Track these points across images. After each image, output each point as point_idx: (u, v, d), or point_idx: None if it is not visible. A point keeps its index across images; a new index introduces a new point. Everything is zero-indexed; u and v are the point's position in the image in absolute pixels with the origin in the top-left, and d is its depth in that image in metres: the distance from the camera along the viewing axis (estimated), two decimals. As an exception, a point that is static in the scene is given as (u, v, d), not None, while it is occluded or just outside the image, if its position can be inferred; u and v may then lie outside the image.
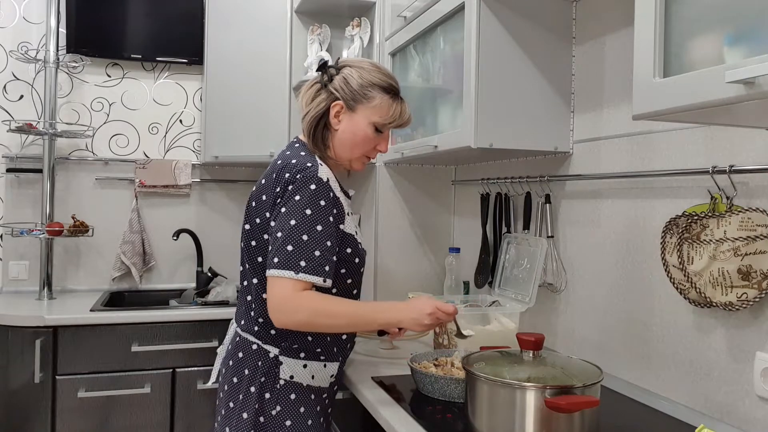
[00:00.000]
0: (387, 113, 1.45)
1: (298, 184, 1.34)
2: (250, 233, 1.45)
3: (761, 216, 1.19)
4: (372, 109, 1.44)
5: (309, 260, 1.30)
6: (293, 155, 1.42)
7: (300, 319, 1.30)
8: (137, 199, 2.99)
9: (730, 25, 0.85)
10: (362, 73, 1.44)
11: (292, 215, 1.32)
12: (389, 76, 1.47)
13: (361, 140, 1.45)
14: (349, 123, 1.45)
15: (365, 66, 1.46)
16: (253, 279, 1.46)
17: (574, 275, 1.79)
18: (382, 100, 1.44)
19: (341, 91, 1.44)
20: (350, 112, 1.44)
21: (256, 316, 1.45)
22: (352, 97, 1.43)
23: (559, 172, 1.87)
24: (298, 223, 1.31)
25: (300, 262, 1.30)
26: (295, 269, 1.29)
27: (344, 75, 1.45)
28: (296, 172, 1.36)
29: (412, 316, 1.37)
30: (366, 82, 1.43)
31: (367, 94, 1.43)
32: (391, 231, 2.44)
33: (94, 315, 2.37)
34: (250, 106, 2.73)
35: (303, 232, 1.31)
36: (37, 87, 2.89)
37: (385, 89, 1.45)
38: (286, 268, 1.30)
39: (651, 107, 0.96)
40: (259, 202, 1.43)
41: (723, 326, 1.32)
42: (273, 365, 1.41)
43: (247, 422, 1.38)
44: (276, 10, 2.67)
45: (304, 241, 1.31)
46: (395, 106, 1.46)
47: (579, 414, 1.13)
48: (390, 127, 1.48)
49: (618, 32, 1.64)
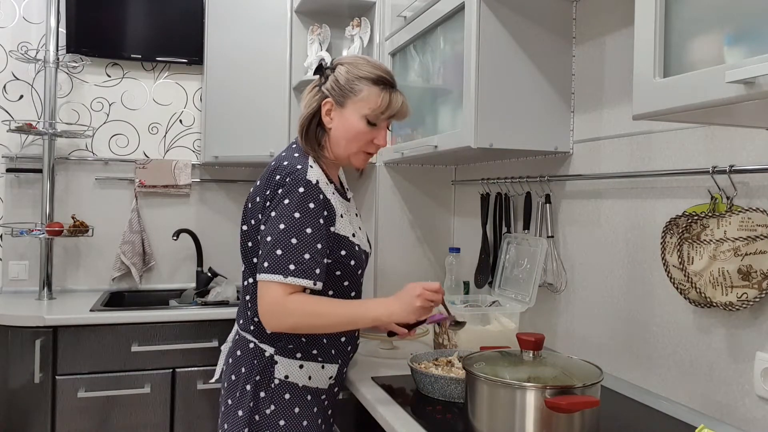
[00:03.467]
0: (375, 104, 1.42)
1: (287, 188, 1.35)
2: (246, 234, 1.46)
3: (761, 216, 1.19)
4: (361, 102, 1.42)
5: (298, 263, 1.30)
6: (286, 157, 1.43)
7: (291, 322, 1.31)
8: (137, 199, 2.99)
9: (730, 25, 0.85)
10: (350, 68, 1.44)
11: (281, 219, 1.33)
12: (379, 68, 1.45)
13: (354, 135, 1.44)
14: (341, 119, 1.44)
15: (356, 62, 1.46)
16: (250, 279, 1.48)
17: (574, 275, 1.79)
18: (369, 91, 1.42)
19: (330, 89, 1.45)
20: (340, 108, 1.44)
21: (252, 315, 1.46)
22: (341, 92, 1.43)
23: (559, 172, 1.87)
24: (287, 227, 1.32)
25: (289, 266, 1.30)
26: (284, 273, 1.30)
27: (335, 73, 1.46)
28: (286, 175, 1.36)
29: (402, 304, 1.37)
30: (353, 76, 1.43)
31: (354, 88, 1.42)
32: (391, 231, 2.43)
33: (94, 315, 2.37)
34: (250, 106, 2.73)
35: (292, 236, 1.32)
36: (37, 87, 2.88)
37: (373, 81, 1.43)
38: (275, 272, 1.30)
39: (651, 107, 0.96)
40: (253, 203, 1.44)
41: (723, 326, 1.32)
42: (268, 364, 1.42)
43: (243, 420, 1.40)
44: (276, 10, 2.67)
45: (293, 245, 1.31)
46: (383, 96, 1.42)
47: (579, 414, 1.13)
48: (383, 119, 1.45)
49: (618, 32, 1.64)
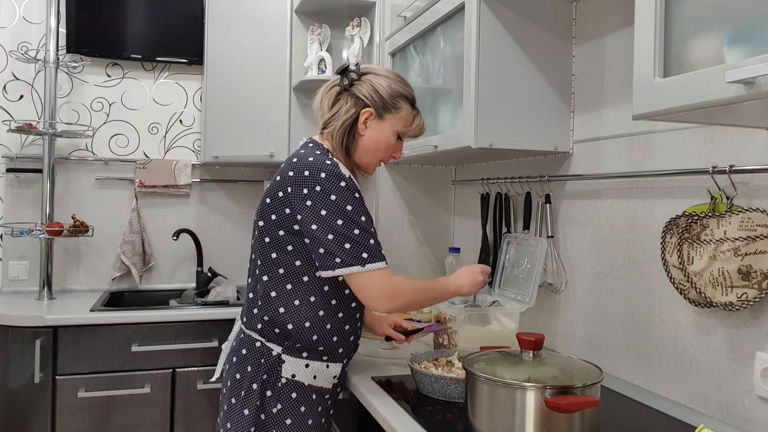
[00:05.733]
0: (410, 123, 1.53)
1: (327, 184, 1.36)
2: (264, 230, 1.45)
3: (761, 216, 1.19)
4: (399, 119, 1.51)
5: (368, 250, 1.36)
6: (309, 154, 1.43)
7: (406, 299, 1.39)
8: (137, 199, 2.99)
9: (730, 25, 0.85)
10: (390, 83, 1.50)
11: (336, 215, 1.35)
12: (411, 87, 1.56)
13: (384, 147, 1.52)
14: (376, 130, 1.49)
15: (389, 75, 1.52)
16: (264, 276, 1.46)
17: (574, 275, 1.79)
18: (407, 111, 1.52)
19: (371, 98, 1.48)
20: (379, 119, 1.49)
21: (261, 314, 1.45)
22: (383, 105, 1.49)
23: (559, 172, 1.87)
24: (345, 221, 1.35)
25: (362, 255, 1.35)
26: (361, 263, 1.35)
27: (371, 82, 1.49)
28: (318, 171, 1.37)
29: (470, 276, 1.54)
30: (395, 92, 1.50)
31: (396, 104, 1.50)
32: (391, 231, 2.43)
33: (94, 315, 2.37)
34: (250, 106, 2.73)
35: (353, 227, 1.35)
36: (37, 87, 2.88)
37: (409, 100, 1.52)
38: (370, 262, 1.35)
39: (651, 107, 0.96)
40: (274, 198, 1.42)
41: (723, 326, 1.32)
42: (275, 363, 1.42)
43: (248, 419, 1.40)
44: (276, 10, 2.67)
45: (357, 235, 1.35)
46: (418, 119, 1.55)
47: (579, 414, 1.13)
48: (408, 136, 1.57)
49: (618, 32, 1.64)
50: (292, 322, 1.42)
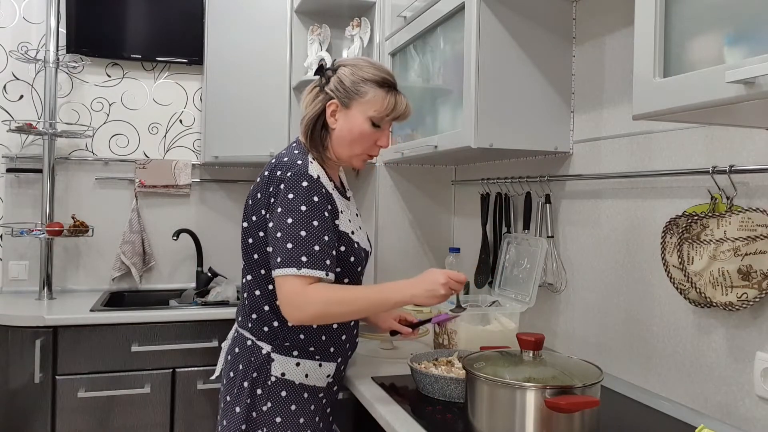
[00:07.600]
0: (382, 106, 1.44)
1: (290, 183, 1.36)
2: (247, 231, 1.47)
3: (761, 216, 1.19)
4: (366, 103, 1.44)
5: (309, 255, 1.31)
6: (286, 154, 1.45)
7: (313, 311, 1.30)
8: (137, 199, 2.98)
9: (730, 25, 0.85)
10: (354, 70, 1.45)
11: (288, 213, 1.34)
12: (382, 70, 1.47)
13: (359, 136, 1.45)
14: (346, 120, 1.45)
15: (359, 63, 1.47)
16: (248, 276, 1.48)
17: (574, 275, 1.79)
18: (375, 93, 1.44)
19: (336, 90, 1.46)
20: (345, 109, 1.45)
21: (249, 313, 1.47)
22: (346, 94, 1.44)
23: (559, 172, 1.87)
24: (295, 221, 1.33)
25: (301, 258, 1.31)
26: (297, 265, 1.31)
27: (338, 75, 1.47)
28: (286, 170, 1.38)
29: (426, 287, 1.36)
30: (358, 78, 1.44)
31: (359, 90, 1.44)
32: (391, 231, 2.43)
33: (94, 315, 2.37)
34: (250, 106, 2.73)
35: (300, 228, 1.33)
36: (37, 87, 2.88)
37: (378, 83, 1.45)
38: (289, 265, 1.31)
39: (651, 107, 0.96)
40: (254, 200, 1.45)
41: (723, 326, 1.32)
42: (265, 362, 1.43)
43: (240, 416, 1.41)
44: (276, 10, 2.67)
45: (303, 237, 1.32)
46: (389, 98, 1.45)
47: (579, 414, 1.13)
48: (388, 121, 1.48)
49: (618, 32, 1.64)
50: (277, 320, 1.43)
